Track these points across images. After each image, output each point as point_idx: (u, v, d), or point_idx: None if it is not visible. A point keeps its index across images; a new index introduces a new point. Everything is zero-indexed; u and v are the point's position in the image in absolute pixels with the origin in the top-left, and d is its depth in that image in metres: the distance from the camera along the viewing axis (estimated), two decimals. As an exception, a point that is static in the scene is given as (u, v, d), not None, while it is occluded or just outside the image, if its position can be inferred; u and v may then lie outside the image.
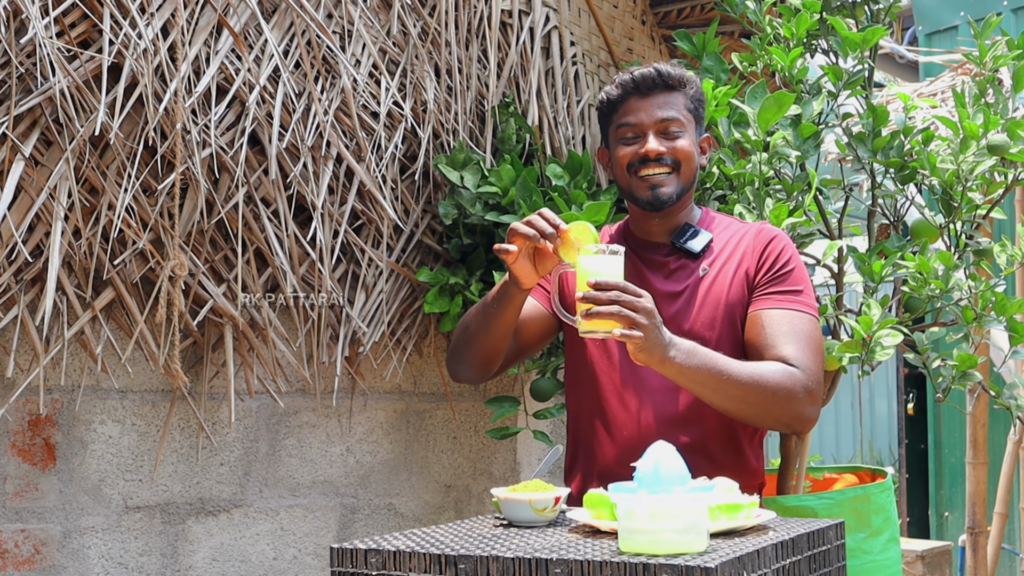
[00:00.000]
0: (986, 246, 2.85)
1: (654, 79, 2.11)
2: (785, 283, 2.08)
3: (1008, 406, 2.81)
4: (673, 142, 2.10)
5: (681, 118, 2.11)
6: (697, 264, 2.12)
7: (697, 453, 2.02)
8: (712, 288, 2.09)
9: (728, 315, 2.08)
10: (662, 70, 2.11)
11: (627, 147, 2.12)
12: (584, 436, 2.17)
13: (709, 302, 2.08)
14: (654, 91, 2.11)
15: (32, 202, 2.32)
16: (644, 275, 2.13)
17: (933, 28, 5.65)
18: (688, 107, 2.13)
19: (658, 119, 2.10)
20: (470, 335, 2.14)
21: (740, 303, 2.09)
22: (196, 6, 2.55)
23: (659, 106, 2.11)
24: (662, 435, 1.96)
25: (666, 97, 2.11)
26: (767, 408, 1.95)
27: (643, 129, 2.10)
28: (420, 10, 3.06)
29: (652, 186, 2.09)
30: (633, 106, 2.12)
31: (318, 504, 2.93)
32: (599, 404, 2.13)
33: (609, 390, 2.11)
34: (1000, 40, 2.86)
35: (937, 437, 5.64)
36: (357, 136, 2.84)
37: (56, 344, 2.42)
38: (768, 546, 1.55)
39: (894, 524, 2.96)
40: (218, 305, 2.62)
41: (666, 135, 2.10)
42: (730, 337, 2.08)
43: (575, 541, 1.63)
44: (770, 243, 2.12)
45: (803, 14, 2.76)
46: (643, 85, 2.11)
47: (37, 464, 2.48)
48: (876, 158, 2.79)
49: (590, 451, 2.15)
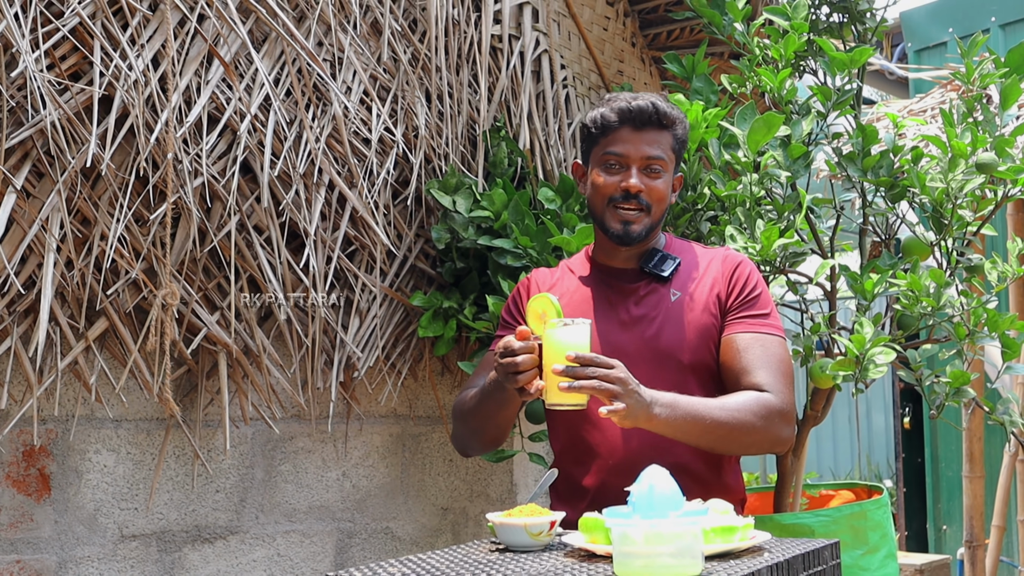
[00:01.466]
0: (977, 263, 2.86)
1: (651, 115, 2.11)
2: (755, 307, 2.13)
3: (1002, 422, 2.82)
4: (653, 181, 2.11)
5: (665, 158, 2.12)
6: (667, 288, 2.15)
7: (681, 473, 2.03)
8: (684, 312, 2.12)
9: (703, 338, 2.11)
10: (660, 107, 2.11)
11: (609, 176, 2.13)
12: (567, 465, 2.17)
13: (682, 325, 2.11)
14: (647, 126, 2.11)
15: (24, 234, 2.32)
16: (613, 301, 2.16)
17: (922, 44, 5.68)
18: (673, 147, 2.15)
19: (645, 155, 2.11)
20: (476, 428, 2.15)
21: (714, 326, 2.12)
22: (186, 37, 2.56)
23: (648, 142, 2.11)
24: (647, 459, 1.97)
25: (656, 135, 2.12)
26: (747, 439, 2.01)
27: (629, 162, 2.11)
28: (410, 36, 3.07)
29: (624, 221, 2.12)
30: (624, 136, 2.12)
31: (315, 529, 2.93)
32: (579, 433, 2.13)
33: (590, 418, 2.10)
34: (987, 58, 2.88)
35: (934, 451, 5.64)
36: (349, 162, 2.85)
37: (50, 374, 2.42)
38: (763, 568, 1.55)
39: (891, 540, 2.96)
40: (212, 333, 2.62)
41: (648, 173, 2.11)
42: (704, 358, 2.11)
43: (570, 565, 1.63)
44: (737, 268, 2.16)
45: (791, 35, 2.78)
46: (639, 118, 2.11)
47: (32, 495, 2.48)
48: (866, 177, 2.80)
49: (573, 480, 2.16)
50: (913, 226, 2.97)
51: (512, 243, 2.88)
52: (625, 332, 2.11)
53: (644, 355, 2.08)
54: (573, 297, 2.20)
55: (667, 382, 2.05)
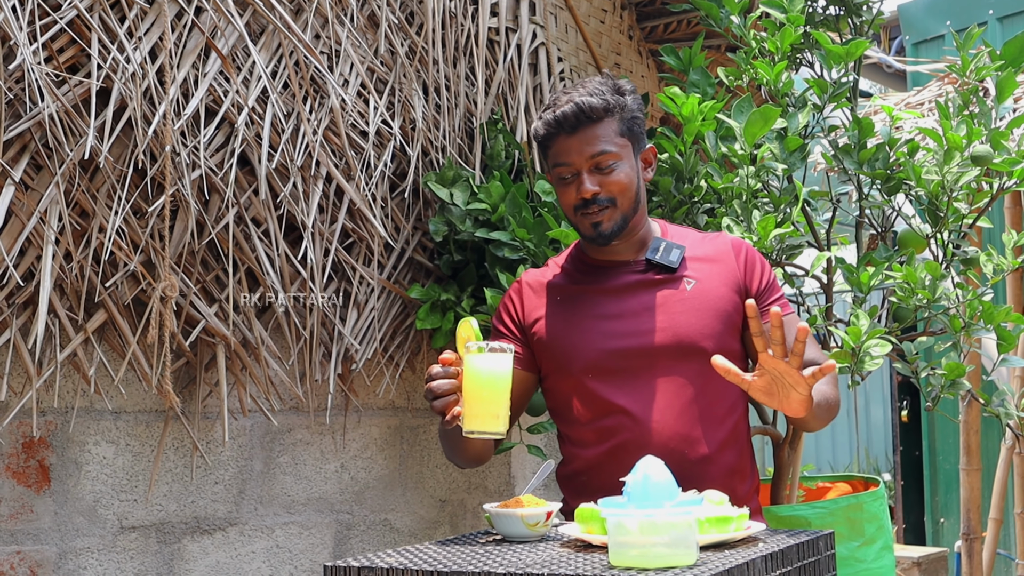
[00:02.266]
0: (973, 255, 2.87)
1: (577, 116, 2.03)
2: (776, 291, 2.14)
3: (997, 414, 2.83)
4: (608, 176, 2.05)
5: (613, 148, 2.05)
6: (679, 277, 2.10)
7: (708, 464, 2.03)
8: (702, 299, 2.08)
9: (727, 325, 2.07)
10: (583, 105, 2.03)
11: (566, 187, 2.08)
12: (586, 458, 2.12)
13: (703, 313, 2.07)
14: (579, 128, 2.04)
15: (23, 226, 2.33)
16: (624, 295, 2.10)
17: (920, 37, 5.69)
18: (620, 131, 2.07)
19: (588, 155, 2.04)
20: (455, 455, 2.13)
21: (736, 312, 2.08)
22: (184, 29, 2.57)
23: (588, 142, 2.04)
24: (677, 453, 2.00)
25: (593, 130, 2.04)
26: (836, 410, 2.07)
27: (576, 168, 2.05)
28: (407, 29, 3.08)
29: (594, 224, 2.07)
30: (563, 146, 2.06)
31: (313, 521, 2.94)
32: (606, 426, 2.08)
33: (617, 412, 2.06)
34: (983, 51, 2.88)
35: (931, 444, 5.65)
36: (346, 155, 2.86)
37: (49, 366, 2.43)
38: (758, 558, 1.57)
39: (887, 532, 2.97)
40: (210, 325, 2.63)
41: (600, 171, 2.05)
42: (731, 346, 2.08)
43: (566, 556, 1.64)
44: (747, 253, 2.15)
45: (787, 28, 2.79)
46: (567, 124, 2.04)
47: (32, 486, 2.49)
48: (862, 170, 2.81)
49: (593, 472, 2.10)
50: (909, 219, 2.98)
51: (509, 235, 2.89)
52: (644, 325, 2.06)
53: (668, 347, 2.05)
54: (578, 298, 2.14)
55: (692, 372, 2.03)
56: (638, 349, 2.06)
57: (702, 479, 1.97)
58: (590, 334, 2.10)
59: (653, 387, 2.02)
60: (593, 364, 2.08)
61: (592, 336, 2.09)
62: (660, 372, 2.04)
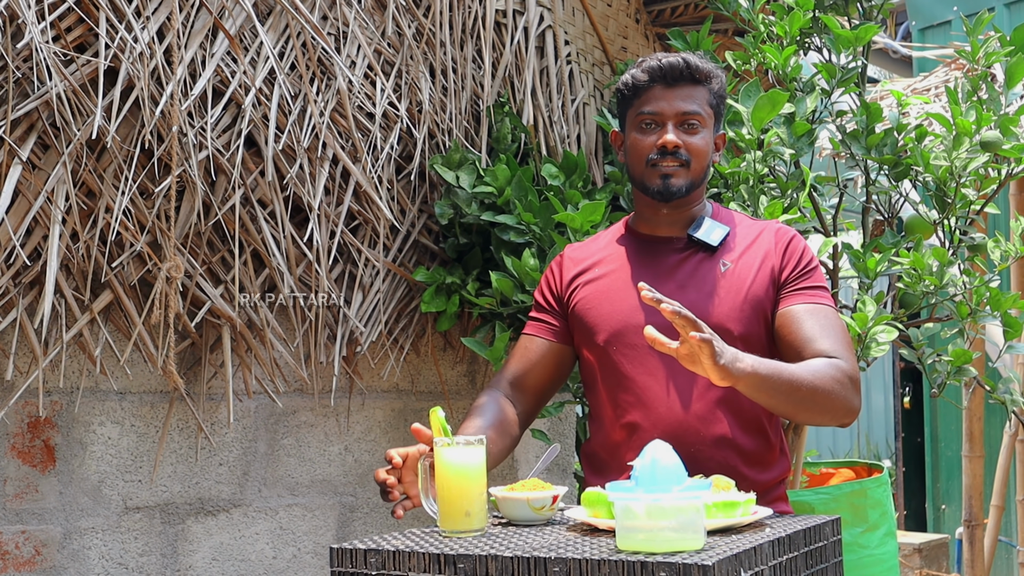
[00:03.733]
0: (980, 241, 2.86)
1: (682, 70, 2.07)
2: (810, 280, 2.09)
3: (1003, 401, 2.83)
4: (691, 137, 2.07)
5: (702, 113, 2.08)
6: (716, 257, 2.09)
7: (726, 448, 2.02)
8: (735, 282, 2.06)
9: (756, 310, 2.06)
10: (691, 62, 2.08)
11: (645, 137, 2.09)
12: (605, 435, 2.12)
13: (733, 296, 2.05)
14: (680, 82, 2.08)
15: (30, 205, 2.32)
16: (659, 272, 2.10)
17: (927, 23, 5.67)
18: (710, 102, 2.10)
19: (680, 111, 2.07)
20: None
21: (767, 299, 2.07)
22: (192, 9, 2.56)
23: (682, 98, 2.08)
24: (694, 431, 1.99)
25: (691, 90, 2.08)
26: (827, 404, 1.93)
27: (664, 119, 2.07)
28: (415, 11, 3.07)
29: (664, 175, 2.07)
30: (657, 95, 2.09)
31: (317, 503, 2.94)
32: (625, 402, 2.08)
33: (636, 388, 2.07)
34: (993, 36, 2.87)
35: (933, 431, 5.66)
36: (353, 137, 2.85)
37: (55, 346, 2.43)
38: (765, 543, 1.57)
39: (891, 518, 2.98)
40: (216, 306, 2.63)
41: (685, 129, 2.08)
42: (758, 331, 2.06)
43: (573, 540, 1.64)
44: (791, 242, 2.12)
45: (796, 12, 2.77)
46: (670, 75, 2.07)
47: (37, 466, 2.49)
48: (870, 155, 2.80)
49: (611, 449, 2.11)
50: (916, 204, 2.98)
51: (515, 219, 2.88)
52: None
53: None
54: (615, 271, 2.14)
55: None
56: (664, 325, 2.05)
57: (719, 461, 1.97)
58: (618, 306, 2.10)
59: (674, 366, 2.01)
60: (617, 337, 2.08)
61: (619, 309, 2.09)
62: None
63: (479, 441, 1.79)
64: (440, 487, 1.77)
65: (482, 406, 2.13)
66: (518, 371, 2.22)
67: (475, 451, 1.78)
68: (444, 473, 1.77)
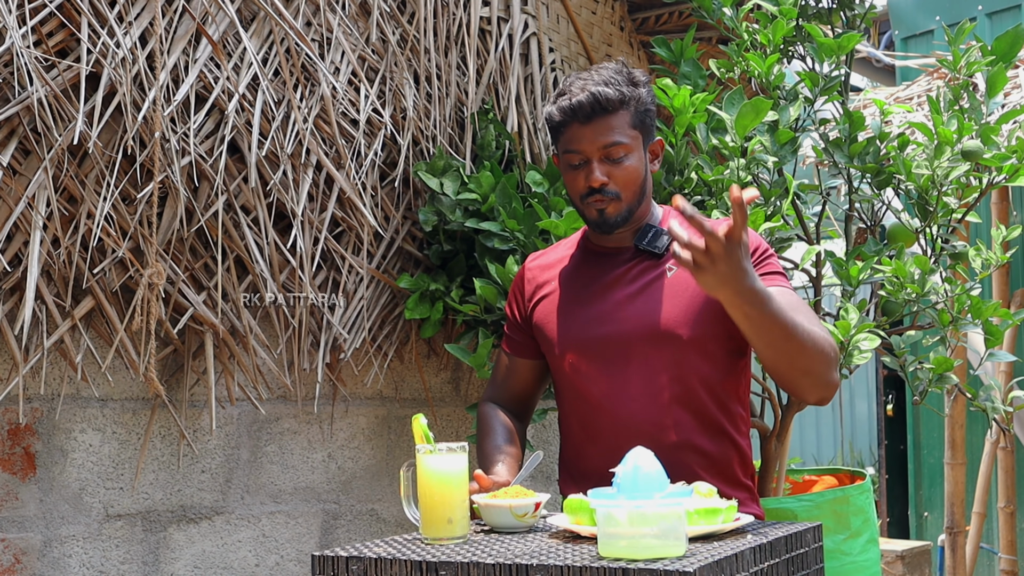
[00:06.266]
0: (962, 250, 2.88)
1: (592, 106, 2.04)
2: (766, 267, 2.06)
3: (984, 408, 2.84)
4: (617, 167, 2.06)
5: (625, 140, 2.06)
6: (663, 264, 2.10)
7: (689, 451, 2.03)
8: (682, 286, 2.07)
9: (705, 310, 2.04)
10: (600, 95, 2.04)
11: (575, 173, 2.10)
12: (572, 443, 2.18)
13: (680, 301, 2.06)
14: (594, 117, 2.06)
15: (10, 211, 2.31)
16: (608, 282, 2.13)
17: (909, 32, 5.69)
18: (633, 123, 2.08)
19: (600, 145, 2.06)
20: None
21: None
22: (174, 15, 2.55)
23: (601, 132, 2.05)
24: (657, 437, 2.00)
25: (607, 120, 2.05)
26: (816, 360, 1.89)
27: (587, 156, 2.07)
28: (399, 17, 3.07)
29: (599, 210, 2.08)
30: (575, 134, 2.07)
31: (300, 511, 2.93)
32: (585, 412, 2.12)
33: (593, 398, 2.10)
34: (974, 46, 2.89)
35: (916, 438, 5.67)
36: (337, 143, 2.85)
37: (35, 353, 2.42)
38: (746, 549, 1.57)
39: (873, 525, 2.98)
40: (198, 313, 2.62)
41: (610, 162, 2.07)
42: (706, 333, 2.05)
43: (555, 546, 1.64)
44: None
45: (779, 21, 2.78)
46: (581, 113, 2.05)
47: (17, 473, 2.48)
48: (853, 163, 2.81)
49: (577, 457, 2.16)
50: (898, 213, 2.99)
51: (499, 226, 2.88)
52: (622, 312, 2.08)
53: (642, 334, 2.05)
54: (568, 285, 2.18)
55: (667, 360, 2.03)
56: (615, 335, 2.08)
57: (678, 466, 1.97)
58: (574, 319, 2.14)
59: (628, 373, 2.05)
60: (575, 349, 2.12)
61: (576, 321, 2.13)
62: (636, 359, 2.05)
63: (461, 448, 1.79)
64: (422, 494, 1.78)
65: (491, 421, 2.25)
66: (504, 385, 2.31)
67: (457, 458, 1.78)
68: (426, 480, 1.77)
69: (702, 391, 2.06)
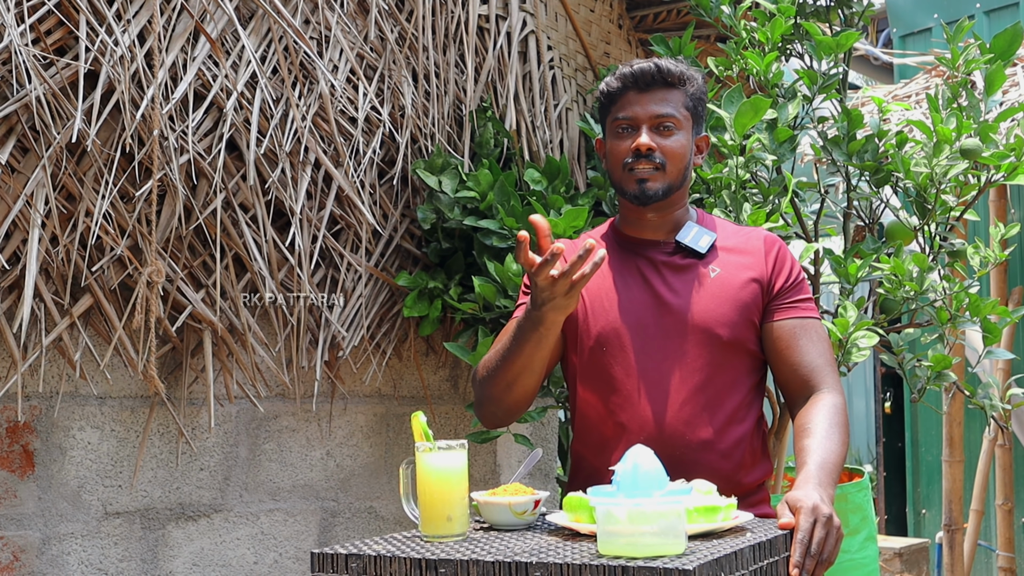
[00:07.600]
0: (960, 247, 2.88)
1: (653, 75, 2.08)
2: (800, 292, 2.11)
3: (982, 406, 2.84)
4: (666, 139, 2.07)
5: (677, 115, 2.09)
6: (704, 263, 2.10)
7: (708, 451, 2.02)
8: (724, 288, 2.08)
9: (743, 316, 2.07)
10: (662, 66, 2.09)
11: (622, 141, 2.10)
12: (593, 447, 2.12)
13: (722, 301, 2.06)
14: (652, 87, 2.09)
15: (9, 209, 2.31)
16: (647, 274, 2.11)
17: (907, 30, 5.69)
18: (687, 105, 2.11)
19: (653, 114, 2.07)
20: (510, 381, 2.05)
21: (755, 306, 2.08)
22: (173, 13, 2.55)
23: (656, 102, 2.08)
24: (679, 436, 2.00)
25: (664, 93, 2.09)
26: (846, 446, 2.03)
27: (638, 123, 2.08)
28: (397, 15, 3.07)
29: (639, 180, 2.07)
30: (631, 100, 2.10)
31: (298, 508, 2.93)
32: (608, 413, 2.08)
33: (620, 396, 2.07)
34: (972, 44, 2.89)
35: (914, 435, 5.67)
36: (335, 141, 2.85)
37: (34, 351, 2.41)
38: (746, 547, 1.57)
39: (871, 523, 2.99)
40: (197, 311, 2.62)
41: (660, 131, 2.08)
42: (743, 336, 2.07)
43: (554, 544, 1.64)
44: (779, 251, 2.13)
45: (778, 19, 2.78)
46: (642, 80, 2.09)
47: (15, 471, 2.48)
48: (851, 161, 2.81)
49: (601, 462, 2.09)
50: (897, 211, 2.99)
51: (498, 224, 2.88)
52: (662, 307, 2.07)
53: (682, 331, 2.04)
54: (603, 270, 2.12)
55: (704, 359, 2.03)
56: (653, 329, 2.06)
57: (702, 465, 1.98)
58: (608, 308, 2.10)
59: (662, 368, 2.03)
60: (606, 339, 2.08)
61: (609, 311, 2.10)
62: (672, 354, 2.04)
63: (460, 446, 1.79)
64: (421, 492, 1.77)
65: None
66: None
67: (456, 456, 1.78)
68: (425, 478, 1.77)
69: (734, 392, 2.06)
